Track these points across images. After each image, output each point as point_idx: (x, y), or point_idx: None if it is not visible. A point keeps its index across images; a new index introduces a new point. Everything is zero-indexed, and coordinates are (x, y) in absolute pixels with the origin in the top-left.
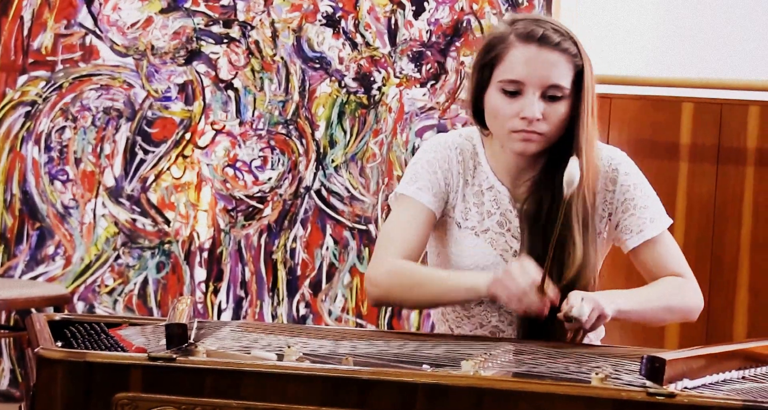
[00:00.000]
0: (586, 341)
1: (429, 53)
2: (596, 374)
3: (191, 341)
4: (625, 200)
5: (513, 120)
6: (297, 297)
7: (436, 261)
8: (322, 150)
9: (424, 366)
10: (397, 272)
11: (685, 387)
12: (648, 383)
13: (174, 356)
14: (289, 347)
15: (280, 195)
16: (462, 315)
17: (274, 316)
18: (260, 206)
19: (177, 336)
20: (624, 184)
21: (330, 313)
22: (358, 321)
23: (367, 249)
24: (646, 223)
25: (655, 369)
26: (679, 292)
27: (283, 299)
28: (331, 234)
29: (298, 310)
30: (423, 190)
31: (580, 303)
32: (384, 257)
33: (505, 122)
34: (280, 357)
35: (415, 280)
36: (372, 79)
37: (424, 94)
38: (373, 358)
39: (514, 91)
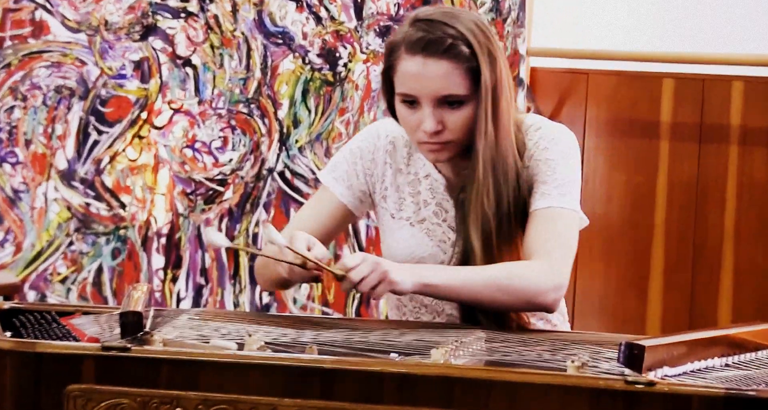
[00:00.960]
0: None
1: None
2: (572, 362)
3: (147, 330)
4: (533, 174)
5: (417, 132)
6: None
7: (382, 248)
8: (285, 130)
9: (392, 354)
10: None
11: (666, 375)
12: (627, 371)
13: (129, 346)
14: (249, 336)
15: (242, 177)
16: (419, 305)
17: (236, 305)
18: (221, 189)
19: (132, 324)
20: (537, 158)
21: (295, 301)
22: (325, 309)
23: None
24: (536, 196)
25: (633, 357)
26: (518, 273)
27: (245, 287)
28: None
29: (261, 298)
30: (338, 180)
31: (352, 260)
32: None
33: (411, 133)
34: (241, 347)
35: (263, 259)
36: (337, 55)
37: None
38: (339, 347)
39: (412, 101)
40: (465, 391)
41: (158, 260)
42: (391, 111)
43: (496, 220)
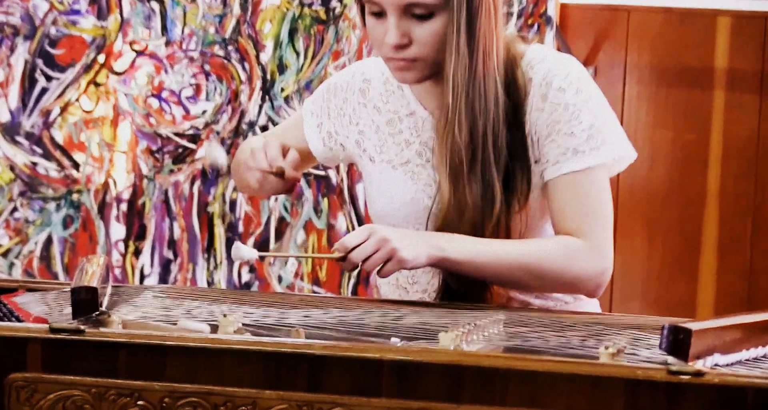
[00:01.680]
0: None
1: None
2: (606, 348)
3: (103, 309)
4: (551, 122)
5: (383, 47)
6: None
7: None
8: (269, 76)
9: (393, 339)
10: (238, 155)
11: (716, 365)
12: (670, 359)
13: (82, 327)
14: (225, 316)
15: (218, 132)
16: (404, 282)
17: (210, 283)
18: (192, 146)
19: (85, 302)
20: (553, 101)
21: (280, 280)
22: (315, 289)
23: (326, 199)
24: (566, 154)
25: (678, 342)
26: (555, 256)
27: (221, 262)
28: None
29: (240, 276)
30: (313, 114)
31: (354, 238)
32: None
33: (379, 49)
34: (215, 329)
35: (237, 160)
36: None
37: None
38: (330, 330)
39: (379, 13)
40: (477, 382)
41: (118, 230)
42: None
43: (469, 158)
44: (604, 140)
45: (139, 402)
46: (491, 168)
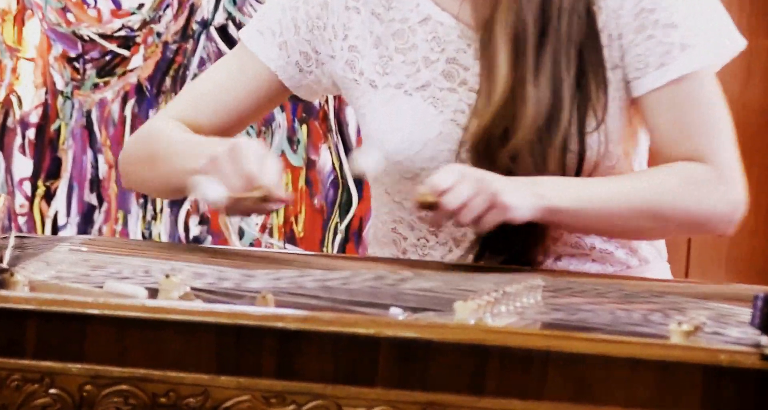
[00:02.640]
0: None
1: None
2: (679, 325)
3: (3, 265)
4: (640, 11)
5: None
6: (185, 206)
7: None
8: None
9: (393, 309)
10: (142, 138)
11: None
12: (765, 340)
13: None
14: (167, 277)
15: (159, 34)
16: (426, 233)
17: (146, 237)
18: (125, 53)
19: None
20: None
21: (242, 235)
22: (289, 246)
23: (304, 126)
24: (670, 53)
25: None
26: (686, 190)
27: (162, 210)
28: None
29: (187, 229)
30: (265, 35)
31: (445, 178)
32: (160, 116)
33: None
34: (154, 294)
35: (152, 151)
36: None
37: None
38: (309, 297)
39: None
40: (505, 367)
41: (23, 165)
42: None
43: (538, 35)
44: (715, 29)
45: (51, 391)
46: (561, 58)
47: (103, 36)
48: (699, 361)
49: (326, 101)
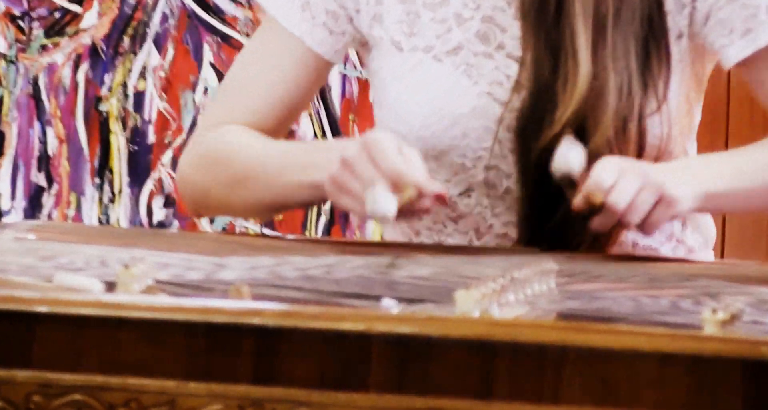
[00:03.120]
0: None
1: None
2: (713, 313)
3: None
4: None
5: None
6: (148, 186)
7: (377, 115)
8: None
9: (386, 301)
10: (211, 155)
11: None
12: None
13: None
14: (126, 268)
15: None
16: (442, 219)
17: (103, 223)
18: (77, 9)
19: None
20: None
21: (212, 219)
22: (267, 231)
23: None
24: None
25: None
26: None
27: (121, 191)
28: (212, 63)
29: (150, 213)
30: (304, 8)
31: (606, 174)
32: (206, 128)
33: None
34: (111, 287)
35: (233, 171)
36: None
37: None
38: (290, 288)
39: None
40: (514, 364)
41: None
42: None
43: (616, 8)
44: None
45: None
46: (630, 32)
47: None
48: (738, 355)
49: None
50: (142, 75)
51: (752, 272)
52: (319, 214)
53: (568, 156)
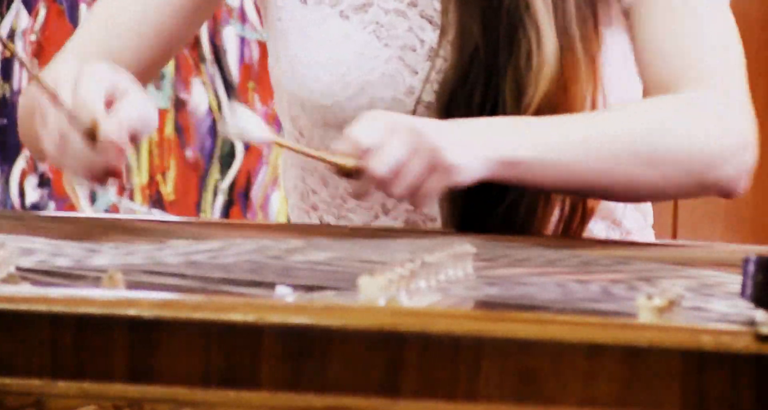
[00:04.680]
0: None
1: None
2: (649, 299)
3: None
4: None
5: None
6: (20, 164)
7: (275, 74)
8: None
9: (280, 288)
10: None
11: None
12: (760, 315)
13: None
14: None
15: None
16: (343, 190)
17: None
18: None
19: None
20: None
21: (94, 199)
22: (156, 212)
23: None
24: None
25: None
26: (682, 116)
27: None
28: None
29: (23, 192)
30: None
31: (368, 132)
32: (55, 59)
33: None
34: None
35: (31, 96)
36: None
37: None
38: (171, 275)
39: None
40: (427, 360)
41: None
42: None
43: None
44: None
45: None
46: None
47: None
48: (676, 345)
49: None
50: (11, 39)
51: (695, 254)
52: (215, 194)
53: (236, 120)
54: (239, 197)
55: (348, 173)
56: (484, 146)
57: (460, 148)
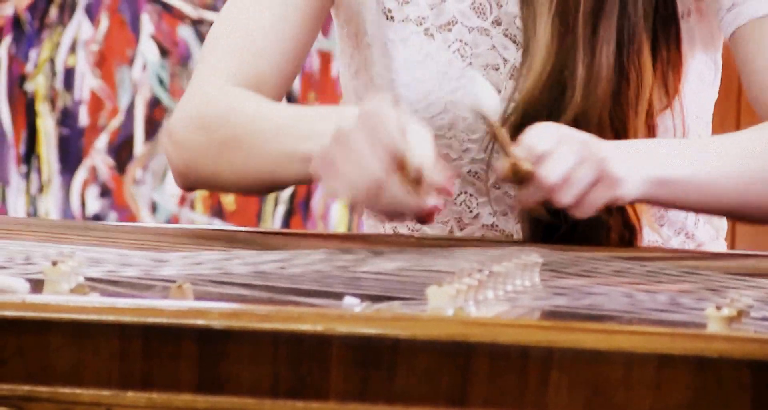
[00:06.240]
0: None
1: None
2: (718, 309)
3: None
4: None
5: None
6: (81, 174)
7: (350, 85)
8: None
9: (348, 299)
10: (204, 116)
11: None
12: None
13: None
14: (55, 265)
15: None
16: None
17: (31, 215)
18: None
19: None
20: None
21: (155, 208)
22: (217, 222)
23: None
24: None
25: None
26: None
27: (50, 179)
28: (152, 36)
29: (84, 202)
30: None
31: (542, 139)
32: (200, 86)
33: None
34: (38, 286)
35: (224, 132)
36: None
37: None
38: (239, 285)
39: None
40: (497, 371)
41: None
42: None
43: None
44: None
45: None
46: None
47: None
48: (745, 355)
49: None
50: (73, 49)
51: (764, 264)
52: (276, 204)
53: (478, 93)
54: (299, 207)
55: (519, 178)
56: (645, 163)
57: (625, 162)
